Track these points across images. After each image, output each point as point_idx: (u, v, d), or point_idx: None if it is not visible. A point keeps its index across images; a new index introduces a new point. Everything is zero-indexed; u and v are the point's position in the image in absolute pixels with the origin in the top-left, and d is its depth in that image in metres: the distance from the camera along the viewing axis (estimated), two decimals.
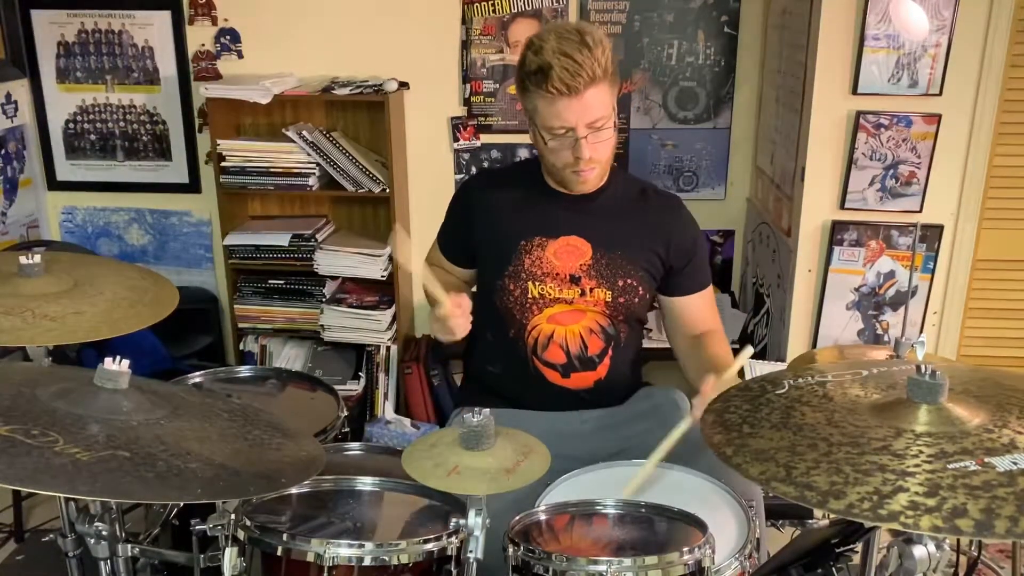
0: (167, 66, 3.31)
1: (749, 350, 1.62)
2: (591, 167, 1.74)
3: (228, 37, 3.27)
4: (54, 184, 3.48)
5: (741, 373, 2.47)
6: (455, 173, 3.38)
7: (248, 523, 1.30)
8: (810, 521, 2.08)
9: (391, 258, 3.19)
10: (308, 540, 1.27)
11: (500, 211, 1.87)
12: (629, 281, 1.81)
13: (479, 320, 1.90)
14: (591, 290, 1.80)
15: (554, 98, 1.65)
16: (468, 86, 3.28)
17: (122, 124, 3.41)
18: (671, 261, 1.86)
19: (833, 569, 1.42)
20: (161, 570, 1.44)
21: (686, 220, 1.91)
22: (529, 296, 1.81)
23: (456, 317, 1.67)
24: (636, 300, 1.83)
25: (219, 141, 3.11)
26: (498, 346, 1.85)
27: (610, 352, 1.85)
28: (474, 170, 3.35)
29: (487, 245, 1.87)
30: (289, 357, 3.30)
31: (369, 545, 1.28)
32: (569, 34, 1.65)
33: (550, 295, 1.81)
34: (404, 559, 1.28)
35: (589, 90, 1.64)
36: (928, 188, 2.61)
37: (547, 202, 1.85)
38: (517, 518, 1.38)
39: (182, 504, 1.58)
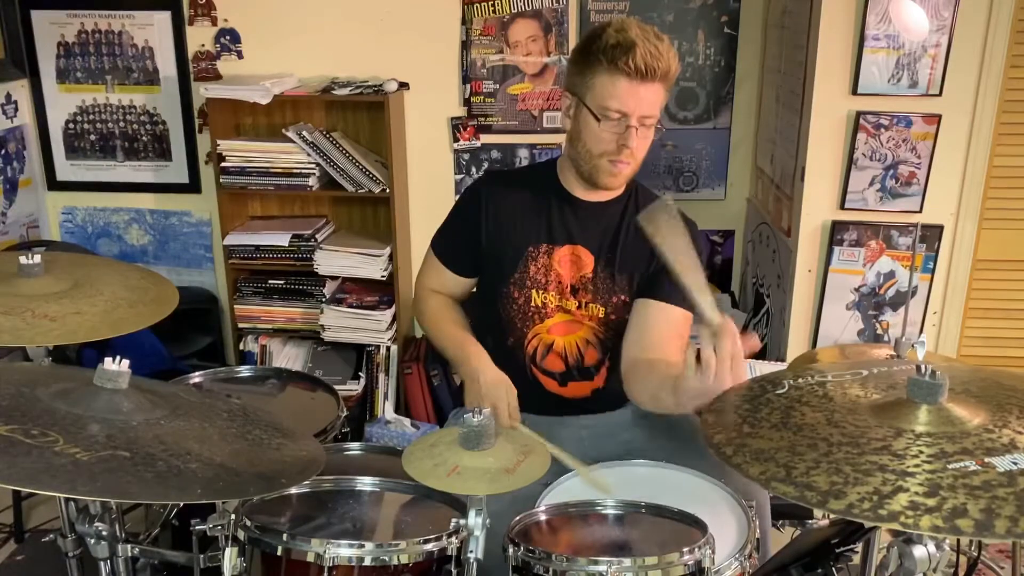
0: (167, 66, 3.31)
1: None
2: (628, 161, 1.71)
3: (228, 37, 3.27)
4: (54, 184, 3.48)
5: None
6: (455, 173, 3.38)
7: (248, 523, 1.30)
8: (810, 521, 2.08)
9: (391, 258, 3.19)
10: (308, 540, 1.27)
11: (510, 215, 1.83)
12: (623, 298, 1.79)
13: (479, 326, 1.89)
14: (586, 304, 1.79)
15: (624, 78, 1.63)
16: (468, 86, 3.28)
17: (122, 124, 3.41)
18: (654, 263, 1.78)
19: (833, 569, 1.42)
20: (161, 570, 1.44)
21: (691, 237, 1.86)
22: (532, 305, 1.80)
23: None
24: (627, 318, 1.81)
25: (219, 141, 3.12)
26: (497, 353, 1.82)
27: (607, 363, 1.84)
28: (474, 170, 3.35)
29: (494, 250, 1.84)
30: (289, 357, 3.30)
31: (369, 545, 1.28)
32: (648, 27, 1.67)
33: (552, 304, 1.80)
34: (404, 559, 1.28)
35: (657, 83, 1.65)
36: (928, 188, 2.61)
37: (558, 207, 1.82)
38: (517, 518, 1.38)
39: (182, 504, 1.58)
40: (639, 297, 1.79)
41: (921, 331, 2.73)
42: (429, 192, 3.36)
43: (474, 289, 1.95)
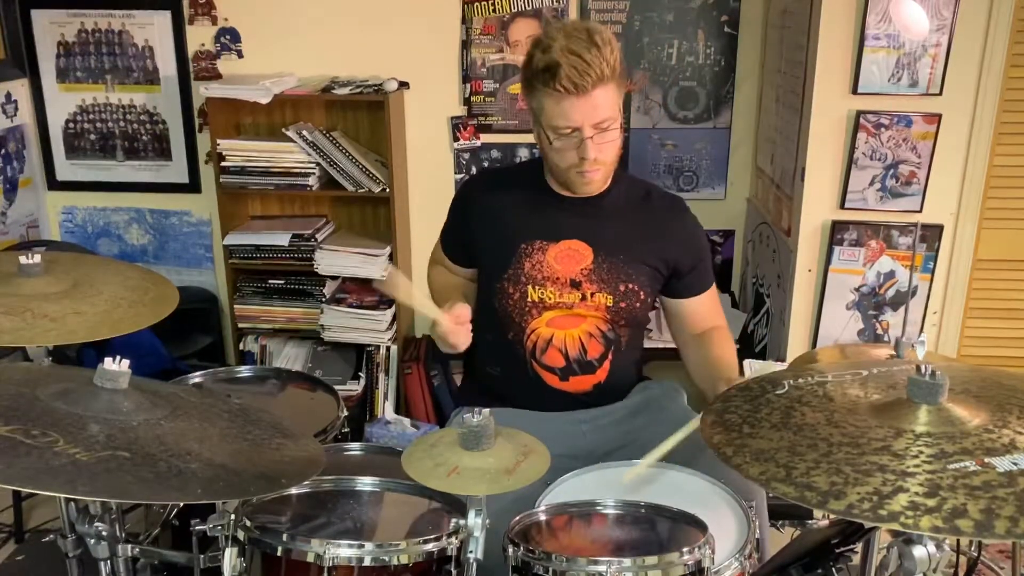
0: (167, 66, 3.31)
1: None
2: (596, 168, 1.73)
3: (228, 37, 3.27)
4: (54, 184, 3.48)
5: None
6: (455, 173, 3.38)
7: (248, 523, 1.30)
8: (810, 521, 2.08)
9: (391, 257, 3.19)
10: (308, 540, 1.27)
11: (500, 213, 1.85)
12: (631, 286, 1.80)
13: (479, 321, 1.89)
14: (592, 295, 1.79)
15: (561, 97, 1.64)
16: (468, 86, 3.28)
17: (122, 124, 3.41)
18: (677, 265, 1.85)
19: (833, 569, 1.42)
20: (161, 570, 1.44)
21: (691, 223, 1.90)
22: (528, 300, 1.80)
23: (456, 333, 1.69)
24: (638, 305, 1.82)
25: (219, 141, 3.11)
26: (497, 348, 1.85)
27: (610, 356, 1.84)
28: (474, 170, 3.35)
29: (487, 247, 1.86)
30: (289, 357, 3.30)
31: (369, 545, 1.28)
32: (578, 33, 1.64)
33: (550, 299, 1.80)
34: (404, 559, 1.28)
35: (596, 90, 1.63)
36: (928, 188, 2.61)
37: (548, 205, 1.84)
38: (517, 518, 1.38)
39: (182, 504, 1.58)
40: (670, 299, 1.90)
41: (921, 331, 2.72)
42: (429, 192, 3.36)
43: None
